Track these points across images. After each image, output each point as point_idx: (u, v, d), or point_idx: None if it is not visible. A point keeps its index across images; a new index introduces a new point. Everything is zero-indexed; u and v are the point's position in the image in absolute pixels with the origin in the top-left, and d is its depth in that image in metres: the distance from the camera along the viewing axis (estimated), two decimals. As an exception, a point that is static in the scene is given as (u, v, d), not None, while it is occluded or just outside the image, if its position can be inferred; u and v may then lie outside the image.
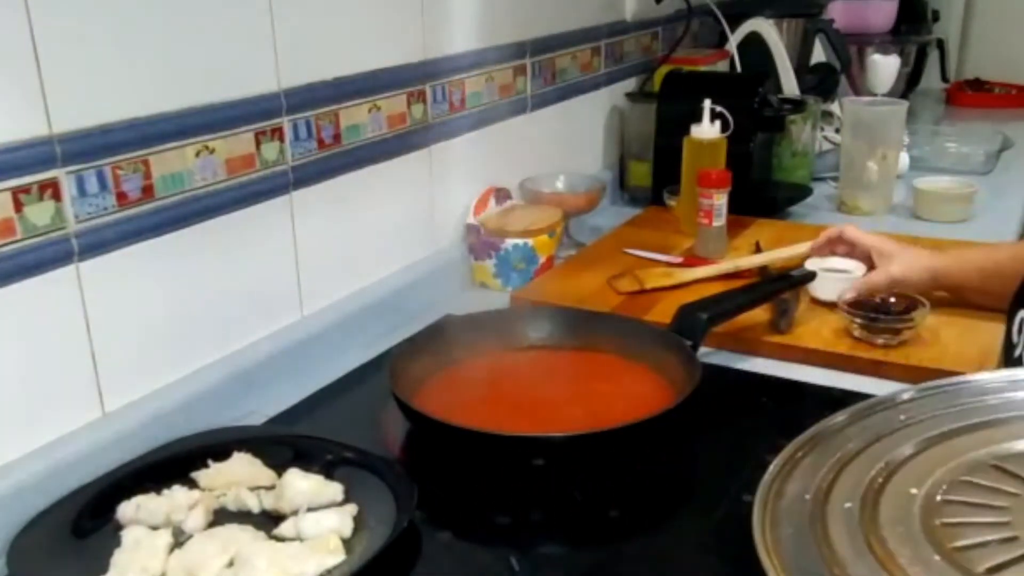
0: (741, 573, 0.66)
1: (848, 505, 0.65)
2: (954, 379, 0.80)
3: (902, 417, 0.75)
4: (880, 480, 0.68)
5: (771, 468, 0.70)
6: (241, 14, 0.93)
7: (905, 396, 0.78)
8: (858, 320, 1.06)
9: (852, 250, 1.19)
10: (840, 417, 0.77)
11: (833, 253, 1.20)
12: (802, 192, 1.61)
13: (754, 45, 1.84)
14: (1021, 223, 1.56)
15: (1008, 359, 0.88)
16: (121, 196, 0.83)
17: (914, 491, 0.66)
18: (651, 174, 1.63)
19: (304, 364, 1.03)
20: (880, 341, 1.04)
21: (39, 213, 0.77)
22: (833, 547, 0.62)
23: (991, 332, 1.06)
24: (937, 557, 0.60)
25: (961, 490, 0.66)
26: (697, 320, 1.00)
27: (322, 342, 1.05)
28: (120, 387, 0.86)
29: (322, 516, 0.74)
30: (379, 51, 1.13)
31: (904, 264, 1.12)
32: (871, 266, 1.15)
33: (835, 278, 1.15)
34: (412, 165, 1.21)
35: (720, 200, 1.31)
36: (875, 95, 2.00)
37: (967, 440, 0.71)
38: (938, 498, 0.65)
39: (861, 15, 2.34)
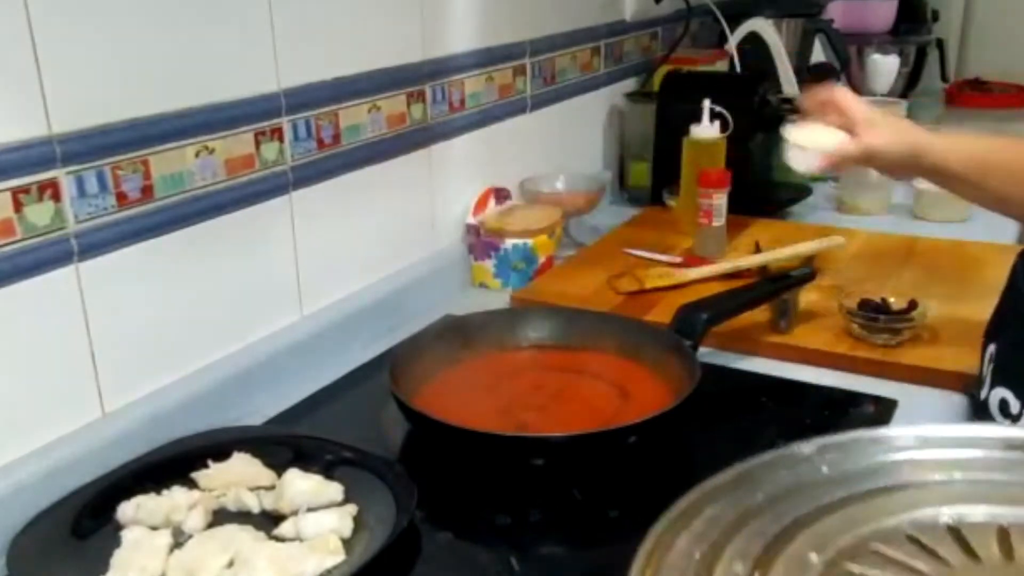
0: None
1: (738, 568, 0.58)
2: (887, 430, 0.71)
3: (825, 470, 0.66)
4: (780, 542, 0.60)
5: (666, 515, 0.62)
6: (241, 14, 0.93)
7: (806, 451, 0.68)
8: (857, 320, 1.06)
9: (843, 120, 0.98)
10: (767, 456, 0.68)
11: (826, 120, 1.00)
12: (802, 192, 1.61)
13: (754, 45, 1.84)
14: (1021, 224, 1.56)
15: (975, 399, 0.84)
16: (121, 196, 0.83)
17: (813, 557, 0.59)
18: (651, 174, 1.63)
19: (304, 364, 1.03)
20: (880, 341, 1.04)
21: (39, 213, 0.77)
22: None
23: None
24: None
25: (867, 561, 0.58)
26: (697, 320, 1.00)
27: (322, 342, 1.05)
28: (120, 387, 0.86)
29: (322, 516, 0.74)
30: (379, 51, 1.13)
31: (884, 135, 0.94)
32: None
33: (808, 147, 0.98)
34: (412, 165, 1.21)
35: (720, 200, 1.31)
36: (875, 95, 2.00)
37: (876, 505, 0.63)
38: (836, 571, 0.58)
39: (861, 15, 2.34)
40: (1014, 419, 0.81)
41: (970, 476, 0.65)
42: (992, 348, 0.84)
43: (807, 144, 0.98)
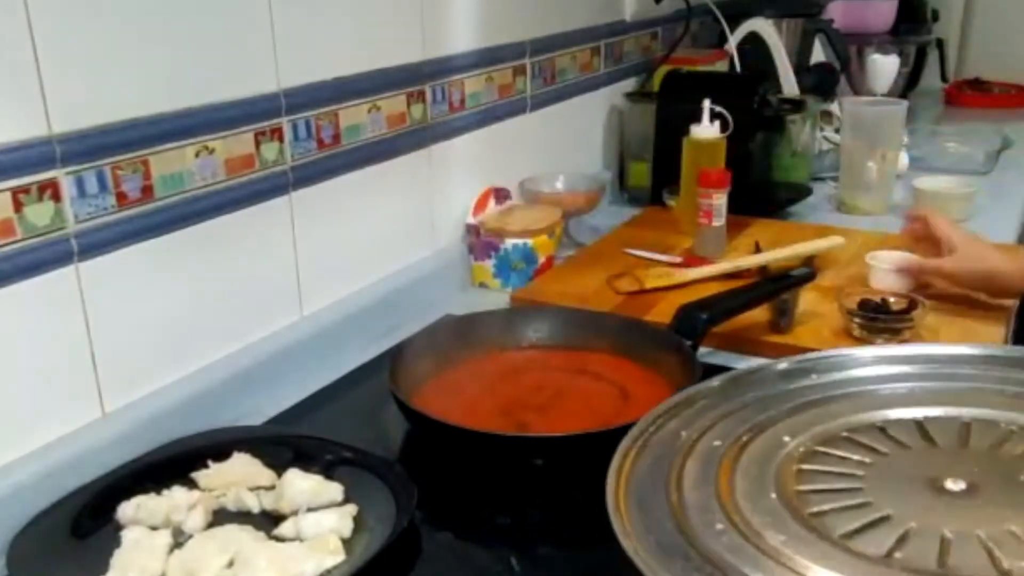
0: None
1: (717, 443, 0.67)
2: (840, 351, 0.81)
3: (815, 378, 0.77)
4: (760, 428, 0.69)
5: (657, 407, 0.71)
6: (241, 14, 0.93)
7: (786, 365, 0.80)
8: (857, 320, 1.05)
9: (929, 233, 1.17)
10: (759, 363, 0.80)
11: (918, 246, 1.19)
12: (802, 192, 1.61)
13: (754, 45, 1.84)
14: (1021, 223, 1.56)
15: None
16: (121, 196, 0.83)
17: (787, 439, 0.67)
18: (651, 174, 1.63)
19: (304, 364, 1.03)
20: (880, 341, 1.04)
21: (39, 213, 0.77)
22: (683, 475, 0.64)
23: (991, 333, 1.06)
24: (773, 495, 0.61)
25: (835, 445, 0.67)
26: (697, 320, 1.00)
27: (322, 342, 1.05)
28: (120, 387, 0.86)
29: (322, 516, 0.74)
30: (379, 51, 1.13)
31: (961, 262, 1.10)
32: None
33: (889, 271, 1.17)
34: (412, 165, 1.21)
35: (720, 200, 1.31)
36: (875, 95, 2.00)
37: (854, 404, 0.73)
38: (802, 450, 0.66)
39: (861, 15, 2.34)
40: None
41: (940, 384, 0.75)
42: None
43: (890, 267, 1.16)
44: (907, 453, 0.67)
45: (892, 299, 1.09)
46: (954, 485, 0.62)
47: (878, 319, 1.05)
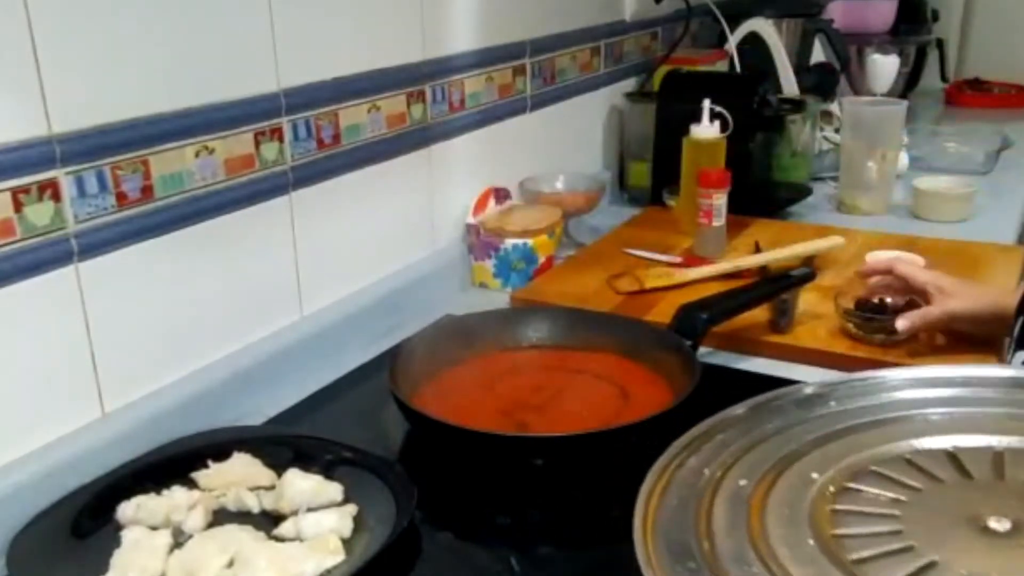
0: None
1: (743, 482, 0.64)
2: (864, 374, 0.79)
3: (833, 404, 0.74)
4: (785, 463, 0.66)
5: (678, 442, 0.69)
6: (241, 14, 0.93)
7: (809, 391, 0.77)
8: (853, 320, 1.05)
9: (903, 284, 1.07)
10: (777, 392, 0.76)
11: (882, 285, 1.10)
12: (802, 192, 1.61)
13: (754, 45, 1.84)
14: (1021, 223, 1.56)
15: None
16: (121, 196, 0.83)
17: (815, 475, 0.64)
18: (650, 174, 1.63)
19: (304, 364, 1.03)
20: (877, 340, 1.04)
21: (39, 213, 0.77)
22: (712, 519, 0.60)
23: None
24: (811, 542, 0.58)
25: (866, 480, 0.64)
26: (697, 320, 1.00)
27: (322, 342, 1.05)
28: (120, 387, 0.86)
29: (322, 516, 0.74)
30: (379, 51, 1.13)
31: (964, 301, 1.00)
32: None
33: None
34: (412, 165, 1.21)
35: (720, 200, 1.31)
36: (874, 95, 2.00)
37: (880, 434, 0.70)
38: (832, 488, 0.63)
39: (861, 15, 2.34)
40: None
41: (967, 411, 0.71)
42: (1022, 320, 0.86)
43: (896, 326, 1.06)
44: (942, 488, 0.63)
45: (889, 299, 1.08)
46: (998, 524, 0.59)
47: (874, 319, 1.05)
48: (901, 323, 1.00)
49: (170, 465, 0.81)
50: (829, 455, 0.67)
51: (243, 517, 0.77)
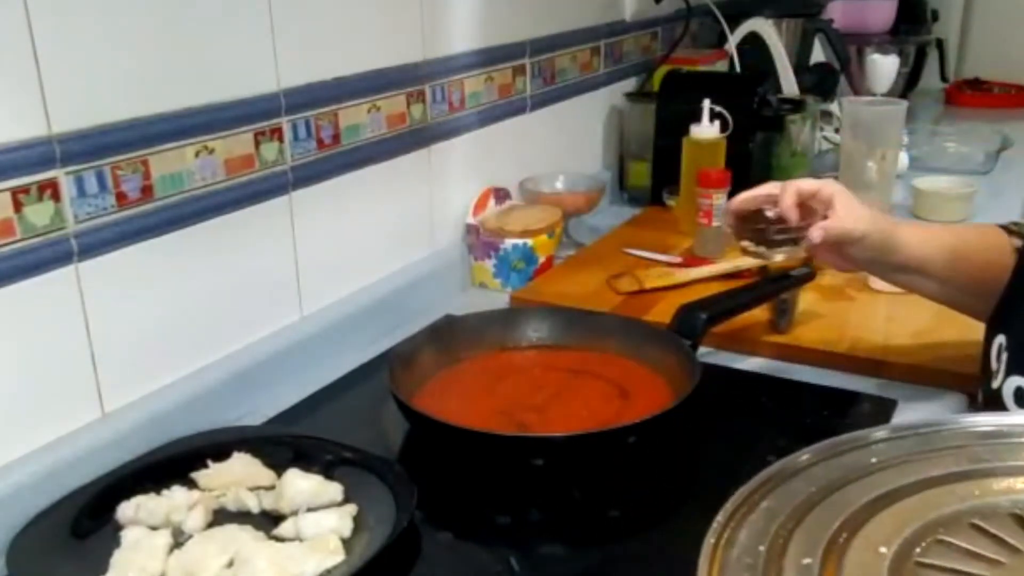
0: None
1: (807, 561, 0.57)
2: (932, 420, 0.70)
3: (873, 460, 0.66)
4: (845, 534, 0.60)
5: (722, 512, 0.61)
6: (240, 14, 0.93)
7: (878, 435, 0.68)
8: (752, 235, 0.95)
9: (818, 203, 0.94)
10: (804, 456, 0.67)
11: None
12: (802, 192, 1.60)
13: (753, 45, 1.84)
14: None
15: (986, 391, 0.84)
16: (120, 196, 0.83)
17: (883, 550, 0.58)
18: (650, 174, 1.63)
19: (304, 364, 1.03)
20: (779, 257, 0.96)
21: (38, 213, 0.77)
22: None
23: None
24: None
25: (937, 552, 0.58)
26: (697, 320, 1.00)
27: (322, 342, 1.05)
28: (120, 387, 0.86)
29: (322, 516, 0.74)
30: (378, 51, 1.13)
31: (864, 219, 0.91)
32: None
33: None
34: (411, 165, 1.21)
35: (720, 200, 1.31)
36: (874, 95, 2.00)
37: (943, 492, 0.62)
38: (911, 561, 0.56)
39: (860, 15, 2.34)
40: None
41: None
42: (1001, 339, 0.83)
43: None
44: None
45: (769, 213, 0.95)
46: None
47: (778, 230, 0.93)
48: (816, 233, 0.90)
49: (170, 465, 0.81)
50: (885, 523, 0.60)
51: (243, 517, 0.77)
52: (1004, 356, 0.83)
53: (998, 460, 0.64)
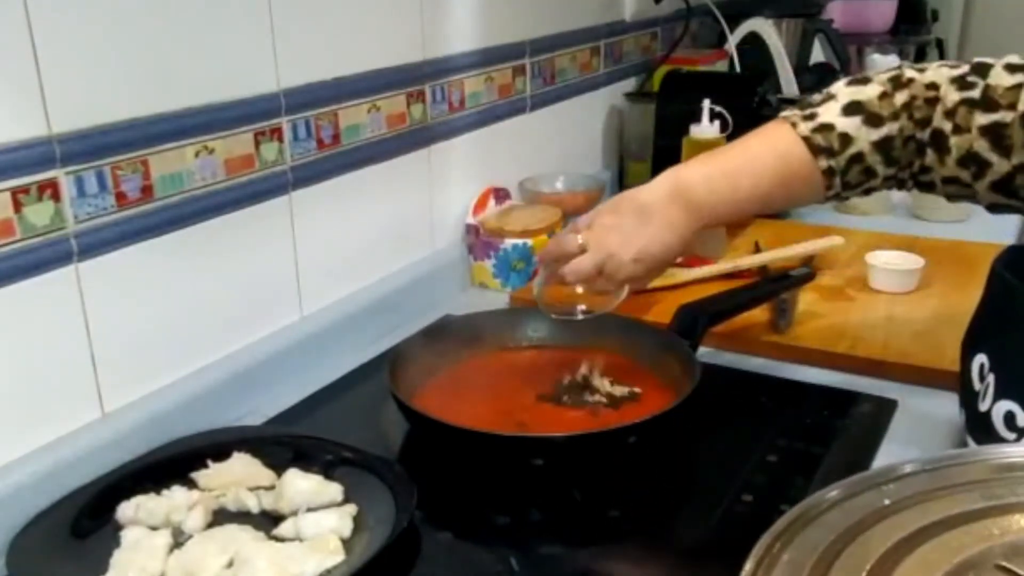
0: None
1: None
2: (939, 457, 0.66)
3: (886, 502, 0.63)
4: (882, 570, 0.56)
5: (747, 567, 0.58)
6: (240, 14, 0.93)
7: (888, 475, 0.64)
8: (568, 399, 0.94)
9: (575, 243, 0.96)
10: (823, 499, 0.63)
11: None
12: (801, 192, 1.60)
13: (753, 45, 1.84)
14: (1021, 223, 1.56)
15: (972, 411, 0.82)
16: (120, 196, 0.83)
17: None
18: (650, 174, 1.62)
19: (304, 364, 1.03)
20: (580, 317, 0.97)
21: (38, 213, 0.77)
22: None
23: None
24: None
25: None
26: (697, 320, 1.00)
27: (322, 342, 1.05)
28: (119, 387, 0.86)
29: (322, 516, 0.74)
30: (378, 51, 1.13)
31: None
32: None
33: (894, 271, 1.19)
34: (411, 165, 1.21)
35: (720, 200, 1.31)
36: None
37: (961, 533, 0.59)
38: None
39: (860, 15, 2.34)
40: (1021, 433, 0.79)
41: None
42: (982, 359, 0.82)
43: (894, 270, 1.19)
44: None
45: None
46: None
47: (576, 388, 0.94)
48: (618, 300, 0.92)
49: (170, 465, 0.81)
50: (916, 571, 0.57)
51: (243, 517, 0.77)
52: (990, 378, 0.82)
53: (1013, 496, 0.62)
